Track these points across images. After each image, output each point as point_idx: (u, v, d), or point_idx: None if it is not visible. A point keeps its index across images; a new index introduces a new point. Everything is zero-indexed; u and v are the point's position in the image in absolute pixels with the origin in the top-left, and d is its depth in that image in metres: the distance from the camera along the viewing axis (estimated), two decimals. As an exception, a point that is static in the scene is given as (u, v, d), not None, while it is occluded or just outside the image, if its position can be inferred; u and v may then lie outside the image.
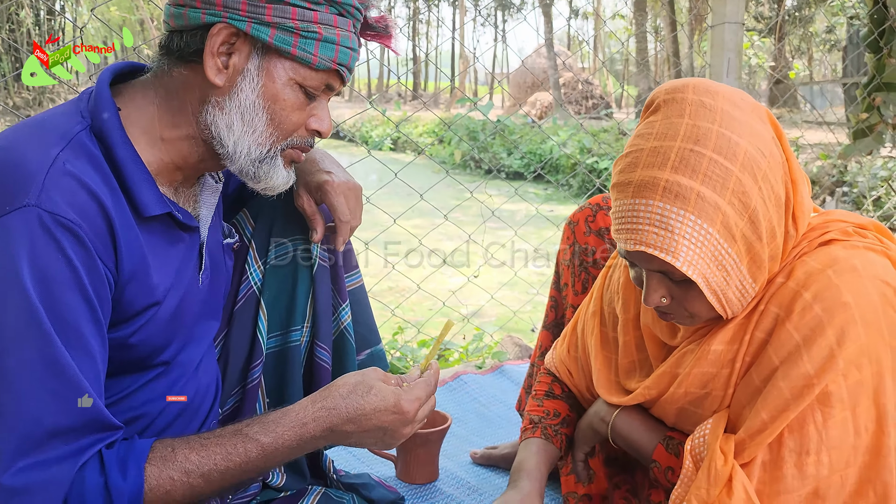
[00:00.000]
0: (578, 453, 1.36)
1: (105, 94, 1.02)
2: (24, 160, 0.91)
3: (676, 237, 0.98)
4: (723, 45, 2.61)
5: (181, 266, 1.12)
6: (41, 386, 0.89)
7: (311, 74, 1.06)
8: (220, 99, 1.05)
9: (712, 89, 1.04)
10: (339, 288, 1.42)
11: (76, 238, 0.91)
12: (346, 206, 1.29)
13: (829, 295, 1.00)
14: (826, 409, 0.99)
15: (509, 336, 2.73)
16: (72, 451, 0.91)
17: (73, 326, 0.91)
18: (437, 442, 1.66)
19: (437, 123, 14.92)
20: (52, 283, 0.89)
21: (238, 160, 1.08)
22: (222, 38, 1.01)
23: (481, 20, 35.19)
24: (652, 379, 1.19)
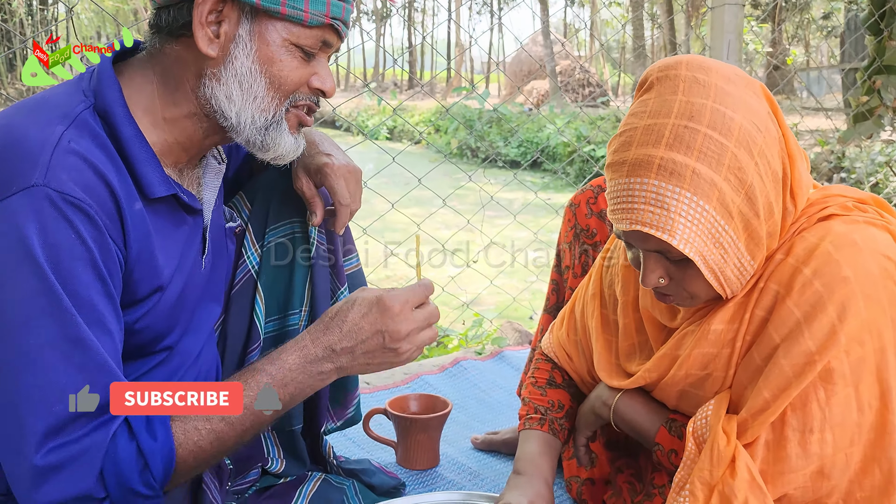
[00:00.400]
0: (580, 438, 1.35)
1: (108, 73, 1.00)
2: (27, 139, 0.89)
3: (673, 215, 0.97)
4: (723, 26, 2.59)
5: (185, 249, 1.10)
6: (68, 363, 0.87)
7: (304, 32, 1.02)
8: (216, 70, 1.02)
9: (706, 65, 1.03)
10: (338, 271, 1.41)
11: (86, 216, 0.90)
12: (346, 190, 1.27)
13: (829, 270, 0.98)
14: (829, 387, 0.98)
15: (509, 322, 2.72)
16: (101, 422, 0.90)
17: (90, 303, 0.90)
18: (438, 427, 1.65)
19: (433, 112, 14.87)
20: (67, 261, 0.88)
21: (243, 130, 1.05)
22: (209, 6, 0.98)
23: (477, 8, 35.07)
24: (652, 361, 1.18)
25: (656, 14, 16.33)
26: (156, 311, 1.04)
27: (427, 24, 37.77)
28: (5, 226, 0.86)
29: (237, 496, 1.31)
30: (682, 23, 16.58)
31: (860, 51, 6.70)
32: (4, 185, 0.87)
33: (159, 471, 0.92)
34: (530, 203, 3.17)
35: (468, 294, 3.49)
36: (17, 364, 0.86)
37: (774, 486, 1.01)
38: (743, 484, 0.99)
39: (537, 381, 1.45)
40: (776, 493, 1.01)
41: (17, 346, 0.86)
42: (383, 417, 1.68)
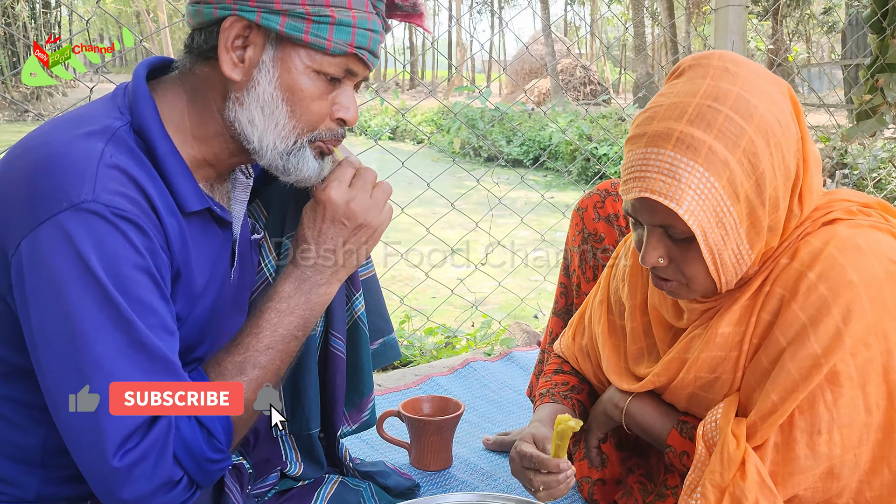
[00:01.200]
0: (592, 439, 1.37)
1: (143, 90, 1.02)
2: (70, 155, 0.91)
3: (683, 186, 0.99)
4: (726, 27, 2.60)
5: (216, 262, 1.12)
6: (134, 367, 0.90)
7: (328, 60, 1.03)
8: (240, 94, 1.03)
9: (738, 59, 1.07)
10: (353, 277, 1.43)
11: (137, 227, 0.92)
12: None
13: (833, 274, 1.00)
14: (835, 389, 1.00)
15: (517, 323, 2.74)
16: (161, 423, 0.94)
17: (152, 308, 0.93)
18: (451, 429, 1.67)
19: (435, 112, 14.87)
20: (125, 270, 0.90)
21: (265, 155, 1.06)
22: (235, 31, 1.00)
23: (478, 7, 35.03)
24: (661, 365, 1.19)
25: (657, 12, 16.31)
26: (189, 322, 1.07)
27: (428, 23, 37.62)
28: (60, 243, 0.88)
29: (257, 499, 1.34)
30: (682, 20, 16.56)
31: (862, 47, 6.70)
32: (54, 202, 0.88)
33: (221, 434, 0.98)
34: (537, 204, 3.18)
35: (474, 294, 3.52)
36: (90, 373, 0.88)
37: (784, 487, 1.03)
38: (753, 486, 1.01)
39: (545, 371, 1.49)
40: (786, 495, 1.03)
41: (88, 357, 0.88)
42: (396, 419, 1.70)
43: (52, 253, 0.88)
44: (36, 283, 0.89)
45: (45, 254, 0.88)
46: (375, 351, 1.51)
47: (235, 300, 1.22)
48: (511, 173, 9.05)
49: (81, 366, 0.88)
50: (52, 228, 0.88)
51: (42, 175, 0.90)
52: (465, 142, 11.75)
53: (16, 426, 1.00)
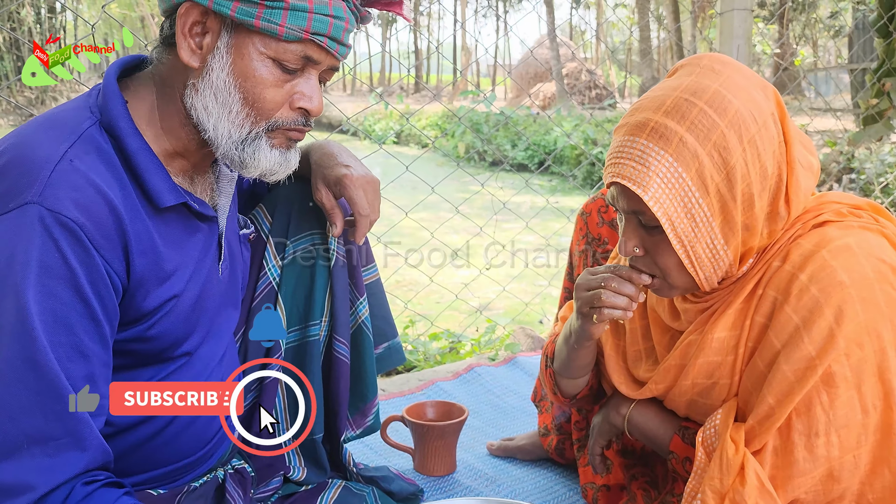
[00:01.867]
0: (596, 447, 1.37)
1: (112, 88, 1.02)
2: (31, 156, 0.91)
3: (651, 173, 1.02)
4: (731, 32, 2.60)
5: (200, 256, 1.11)
6: (21, 384, 0.87)
7: (282, 47, 1.00)
8: (196, 81, 1.02)
9: (727, 61, 1.09)
10: (357, 282, 1.43)
11: (74, 237, 0.90)
12: (365, 200, 1.29)
13: (824, 275, 1.01)
14: (831, 390, 1.00)
15: (521, 328, 2.73)
16: (48, 466, 0.88)
17: (67, 325, 0.90)
18: (455, 434, 1.67)
19: (440, 116, 14.88)
20: (48, 281, 0.89)
21: (220, 144, 1.04)
22: (193, 17, 0.99)
23: (483, 11, 35.07)
24: (659, 373, 1.20)
25: (662, 16, 16.31)
26: (170, 318, 1.06)
27: (433, 28, 37.79)
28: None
29: (260, 503, 1.34)
30: (688, 23, 16.56)
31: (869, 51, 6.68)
32: (4, 200, 0.89)
33: None
34: (543, 208, 3.17)
35: (479, 299, 3.51)
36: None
37: (784, 491, 1.03)
38: (753, 491, 1.01)
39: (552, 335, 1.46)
40: (786, 499, 1.03)
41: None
42: (400, 424, 1.70)
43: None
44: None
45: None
46: (380, 355, 1.51)
47: (227, 294, 1.21)
48: (515, 178, 9.03)
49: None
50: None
51: (3, 176, 0.91)
52: (470, 146, 11.76)
53: None
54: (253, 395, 1.37)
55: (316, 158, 1.34)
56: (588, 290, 1.16)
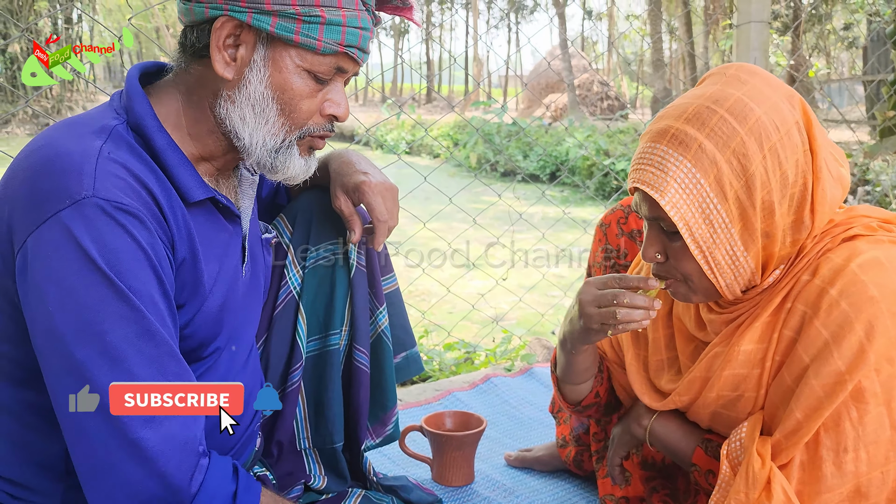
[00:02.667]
0: (615, 457, 1.36)
1: (136, 89, 1.04)
2: (70, 154, 0.93)
3: (668, 178, 1.03)
4: (748, 44, 2.60)
5: (225, 256, 1.13)
6: (142, 355, 0.91)
7: (318, 60, 1.04)
8: (231, 92, 1.04)
9: (754, 70, 1.09)
10: (377, 291, 1.44)
11: (139, 220, 0.93)
12: (384, 206, 1.30)
13: (855, 290, 1.00)
14: (860, 406, 0.99)
15: (537, 338, 2.73)
16: (185, 422, 0.94)
17: (152, 301, 0.93)
18: (473, 445, 1.67)
19: (451, 126, 14.92)
20: (125, 262, 0.91)
21: (255, 152, 1.07)
22: (227, 31, 1.01)
23: (495, 22, 35.19)
24: (683, 385, 1.19)
25: (675, 27, 16.31)
26: (201, 316, 1.07)
27: (445, 39, 37.95)
28: (62, 239, 0.89)
29: (281, 512, 1.34)
30: (700, 34, 16.55)
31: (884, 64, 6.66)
32: (56, 199, 0.90)
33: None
34: (557, 220, 3.18)
35: (494, 309, 3.51)
36: (101, 362, 0.89)
37: None
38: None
39: None
40: (813, 514, 1.02)
41: (95, 346, 0.89)
42: (419, 434, 1.70)
43: (55, 249, 0.89)
44: (39, 278, 0.89)
45: (48, 250, 0.89)
46: (398, 364, 1.52)
47: (249, 297, 1.22)
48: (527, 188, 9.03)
49: (85, 357, 0.89)
50: (54, 225, 0.89)
51: (44, 175, 0.91)
52: (482, 156, 11.77)
53: (38, 432, 1.00)
54: (274, 403, 1.38)
55: (335, 167, 1.36)
56: (598, 306, 1.16)
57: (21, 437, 1.01)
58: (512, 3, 31.20)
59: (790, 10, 13.10)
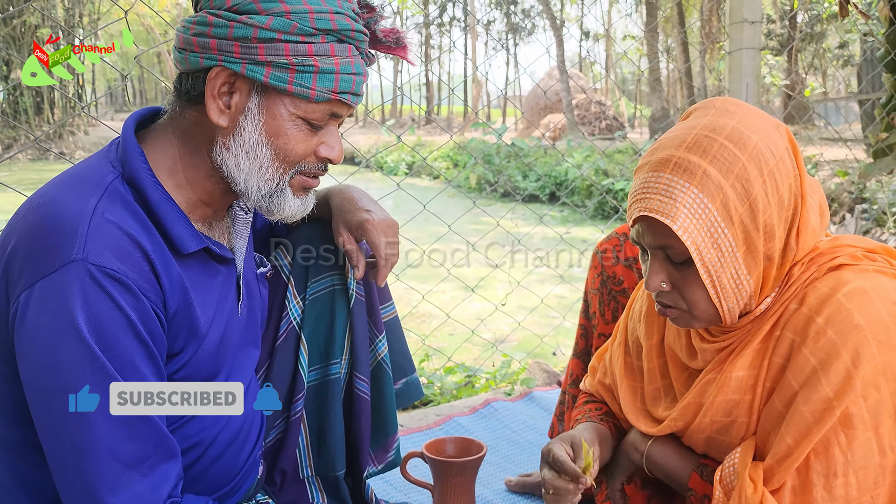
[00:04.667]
0: (615, 482, 1.38)
1: (131, 142, 1.06)
2: (65, 213, 0.96)
3: (678, 204, 1.05)
4: (741, 70, 2.64)
5: (221, 298, 1.15)
6: (112, 422, 0.93)
7: (311, 107, 1.06)
8: (226, 139, 1.07)
9: (739, 102, 1.14)
10: (375, 320, 1.46)
11: (123, 286, 0.95)
12: (387, 244, 1.33)
13: (840, 318, 1.03)
14: (849, 431, 1.01)
15: (536, 362, 2.75)
16: (152, 484, 0.97)
17: (133, 366, 0.96)
18: (474, 470, 1.68)
19: (450, 148, 15.01)
20: (107, 329, 0.94)
21: (251, 196, 1.10)
22: (221, 80, 1.04)
23: (493, 44, 35.46)
24: (678, 410, 1.22)
25: (671, 47, 16.44)
26: (196, 360, 1.10)
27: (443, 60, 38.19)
28: (53, 300, 0.92)
29: (284, 540, 1.36)
30: (696, 53, 16.68)
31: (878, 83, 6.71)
32: (48, 260, 0.93)
33: None
34: (557, 242, 3.20)
35: (493, 333, 3.53)
36: (73, 425, 0.93)
37: None
38: None
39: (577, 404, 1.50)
40: (805, 538, 1.04)
41: (69, 406, 0.92)
42: (420, 460, 1.71)
43: (44, 307, 0.92)
44: (27, 334, 0.93)
45: (37, 309, 0.93)
46: (399, 391, 1.54)
47: (247, 333, 1.25)
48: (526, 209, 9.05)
49: (61, 415, 0.93)
50: (46, 286, 0.93)
51: (40, 235, 0.95)
52: (481, 177, 11.83)
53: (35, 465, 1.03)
54: (277, 430, 1.40)
55: (337, 203, 1.38)
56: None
57: (24, 474, 1.04)
58: (509, 26, 31.47)
59: (784, 29, 13.23)
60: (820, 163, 7.84)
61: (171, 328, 1.05)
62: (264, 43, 1.01)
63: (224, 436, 1.17)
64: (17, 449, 1.04)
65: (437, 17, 31.28)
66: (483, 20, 31.66)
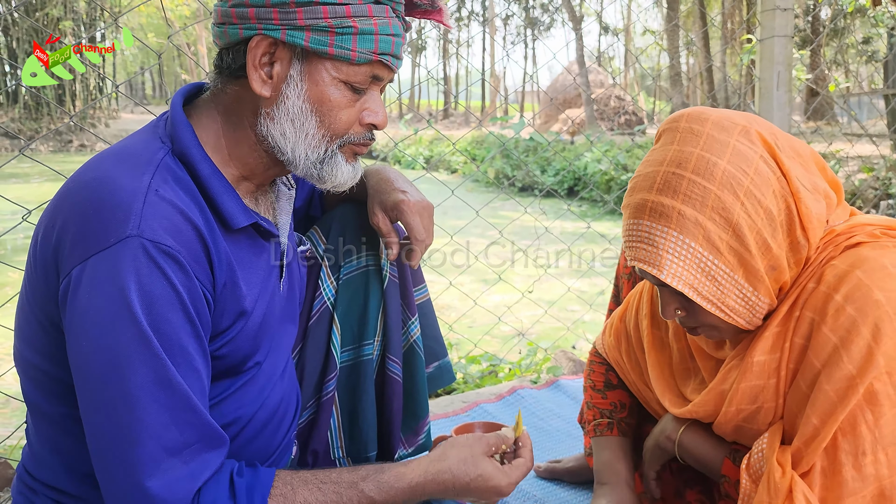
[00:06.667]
0: (650, 471, 1.37)
1: (180, 117, 1.06)
2: (119, 190, 0.95)
3: (661, 252, 1.07)
4: (772, 58, 2.61)
5: (265, 275, 1.15)
6: (156, 404, 0.93)
7: (353, 70, 1.05)
8: (269, 109, 1.06)
9: (703, 116, 1.12)
10: (409, 302, 1.45)
11: (176, 262, 0.95)
12: (422, 226, 1.32)
13: (859, 295, 1.01)
14: (875, 408, 1.00)
15: (562, 351, 2.73)
16: (191, 471, 0.96)
17: (179, 345, 0.95)
18: (503, 455, 1.67)
19: (469, 142, 14.99)
20: (159, 307, 0.93)
21: (300, 164, 1.09)
22: (262, 49, 1.03)
23: (511, 38, 35.35)
24: (702, 397, 1.21)
25: (692, 41, 16.32)
26: (241, 336, 1.10)
27: (462, 53, 38.15)
28: (106, 275, 0.92)
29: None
30: (717, 48, 16.53)
31: (904, 77, 6.62)
32: (103, 236, 0.93)
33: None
34: (580, 235, 3.19)
35: (513, 322, 3.52)
36: (118, 403, 0.92)
37: None
38: None
39: (595, 384, 1.50)
40: (838, 520, 1.02)
41: (118, 387, 0.92)
42: (449, 445, 1.71)
43: (96, 284, 0.92)
44: (78, 309, 0.93)
45: (89, 283, 0.92)
46: (430, 374, 1.53)
47: (286, 310, 1.24)
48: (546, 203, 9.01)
49: (108, 395, 0.92)
50: (99, 262, 0.92)
51: (94, 210, 0.94)
52: (500, 171, 11.80)
53: (78, 440, 1.03)
54: (310, 412, 1.40)
55: (373, 183, 1.38)
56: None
57: (63, 445, 1.04)
58: (528, 20, 31.36)
59: (808, 24, 13.08)
60: (844, 158, 7.76)
61: (217, 307, 1.05)
62: (302, 7, 1.00)
63: (261, 415, 1.17)
64: (58, 422, 1.04)
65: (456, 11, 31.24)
66: (502, 14, 31.56)
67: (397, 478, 1.08)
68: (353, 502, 1.05)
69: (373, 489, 1.06)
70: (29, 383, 1.05)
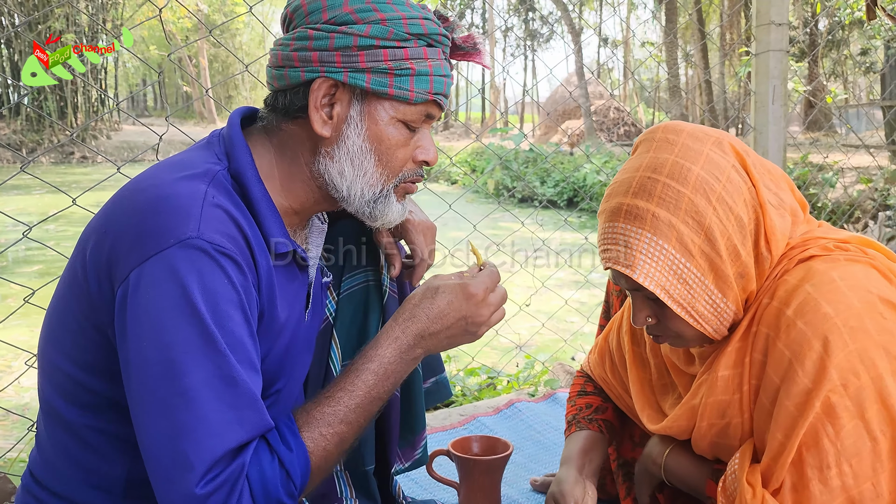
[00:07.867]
0: (642, 496, 1.39)
1: (240, 138, 1.09)
2: (177, 195, 0.97)
3: (634, 252, 1.10)
4: (767, 72, 2.63)
5: (294, 303, 1.17)
6: (220, 401, 0.93)
7: (410, 109, 1.10)
8: (329, 149, 1.10)
9: (678, 128, 1.16)
10: (407, 318, 1.46)
11: (236, 264, 0.97)
12: (425, 245, 1.35)
13: (808, 309, 1.04)
14: (835, 421, 1.01)
15: (560, 364, 2.74)
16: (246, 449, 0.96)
17: (242, 343, 0.97)
18: (500, 469, 1.68)
19: (469, 153, 15.03)
20: (221, 304, 0.95)
21: (353, 202, 1.13)
22: (323, 91, 1.07)
23: (511, 50, 35.49)
24: (675, 412, 1.24)
25: (690, 53, 16.39)
26: (270, 358, 1.11)
27: (462, 66, 38.24)
28: (166, 275, 0.92)
29: (314, 534, 1.36)
30: (716, 60, 16.60)
31: (901, 89, 6.65)
32: (162, 238, 0.94)
33: (298, 478, 0.99)
34: (579, 247, 3.20)
35: (519, 335, 3.52)
36: (178, 402, 0.91)
37: None
38: None
39: (570, 395, 1.55)
40: (812, 534, 1.03)
41: (179, 385, 0.91)
42: (446, 459, 1.71)
43: (157, 284, 0.92)
44: (138, 311, 0.93)
45: (150, 284, 0.93)
46: (428, 389, 1.54)
47: (307, 340, 1.26)
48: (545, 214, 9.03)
49: (171, 393, 0.92)
50: (159, 262, 0.93)
51: (151, 214, 0.96)
52: (500, 182, 11.83)
53: (102, 456, 1.03)
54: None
55: None
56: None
57: (83, 458, 1.05)
58: (528, 32, 31.49)
59: (806, 35, 13.14)
60: (843, 169, 7.78)
61: (260, 321, 1.06)
62: (364, 50, 1.05)
63: None
64: (77, 431, 1.04)
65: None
66: (501, 26, 31.69)
67: (375, 341, 1.13)
68: (358, 384, 1.08)
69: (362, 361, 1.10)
70: (51, 389, 1.05)
